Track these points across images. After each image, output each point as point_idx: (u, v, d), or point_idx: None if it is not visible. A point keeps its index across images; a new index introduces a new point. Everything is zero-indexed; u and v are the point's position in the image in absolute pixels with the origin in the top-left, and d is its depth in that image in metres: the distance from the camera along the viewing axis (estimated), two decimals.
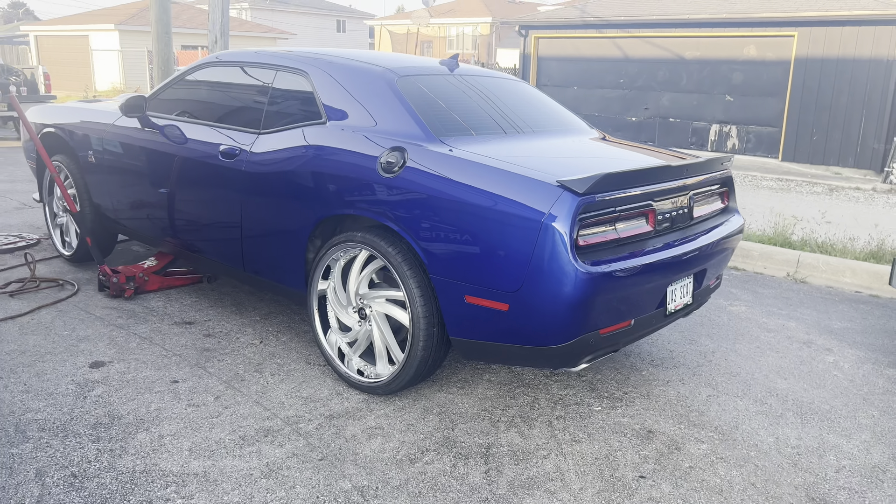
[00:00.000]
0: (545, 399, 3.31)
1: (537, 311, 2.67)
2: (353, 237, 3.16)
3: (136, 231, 4.49)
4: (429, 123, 3.15)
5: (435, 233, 2.86)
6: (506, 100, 3.75)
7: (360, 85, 3.36)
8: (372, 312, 3.21)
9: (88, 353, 3.54)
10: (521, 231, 2.64)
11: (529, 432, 3.01)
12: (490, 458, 2.80)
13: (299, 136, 3.39)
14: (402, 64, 3.56)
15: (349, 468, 2.68)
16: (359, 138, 3.18)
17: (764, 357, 3.96)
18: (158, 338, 3.78)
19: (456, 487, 2.59)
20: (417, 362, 3.04)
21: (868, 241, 6.60)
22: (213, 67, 4.01)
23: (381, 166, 3.04)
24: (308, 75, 3.51)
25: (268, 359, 3.60)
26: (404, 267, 2.99)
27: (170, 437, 2.82)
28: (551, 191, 2.63)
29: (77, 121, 4.65)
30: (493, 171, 2.77)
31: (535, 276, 2.63)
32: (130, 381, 3.27)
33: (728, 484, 2.70)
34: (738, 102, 12.62)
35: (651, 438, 3.01)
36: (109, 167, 4.40)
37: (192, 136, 3.88)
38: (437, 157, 2.93)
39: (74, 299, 4.30)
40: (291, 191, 3.36)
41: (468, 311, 2.86)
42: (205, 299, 4.42)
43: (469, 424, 3.05)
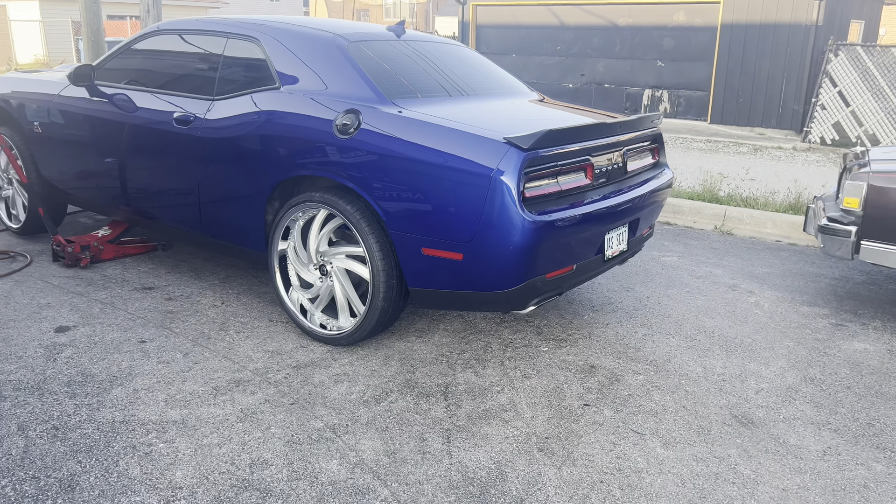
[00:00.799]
0: (497, 343, 3.57)
1: (489, 259, 2.90)
2: (311, 198, 3.33)
3: (87, 201, 4.52)
4: (380, 86, 3.32)
5: (391, 191, 3.05)
6: (450, 64, 3.93)
7: (312, 51, 3.49)
8: (333, 269, 3.39)
9: (52, 320, 3.61)
10: (471, 185, 2.86)
11: (484, 372, 3.26)
12: (449, 395, 3.04)
13: (254, 101, 3.51)
14: (351, 30, 3.70)
15: (319, 410, 2.88)
16: (313, 102, 3.32)
17: (693, 300, 4.32)
18: (120, 303, 3.87)
19: (420, 421, 2.83)
20: (378, 313, 3.24)
21: (787, 194, 7.08)
22: (161, 36, 4.06)
23: (336, 128, 3.20)
24: (260, 42, 3.62)
25: (231, 318, 3.75)
26: (363, 224, 3.18)
27: (144, 391, 2.96)
28: (498, 147, 2.85)
29: (20, 91, 4.62)
30: (444, 130, 2.97)
31: (485, 226, 2.86)
32: (98, 343, 3.38)
33: (662, 408, 3.01)
34: (669, 68, 13.07)
35: (593, 373, 3.30)
36: (57, 138, 4.41)
37: (144, 104, 3.94)
38: (390, 118, 3.11)
39: (29, 270, 4.33)
40: (248, 155, 3.49)
41: (425, 263, 3.07)
42: (161, 266, 4.51)
43: (428, 368, 3.28)
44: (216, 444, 2.61)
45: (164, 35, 4.05)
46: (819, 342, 3.75)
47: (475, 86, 3.83)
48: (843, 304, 4.33)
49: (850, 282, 4.77)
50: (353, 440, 2.68)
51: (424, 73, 3.65)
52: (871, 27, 15.35)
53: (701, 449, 2.72)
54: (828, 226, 4.05)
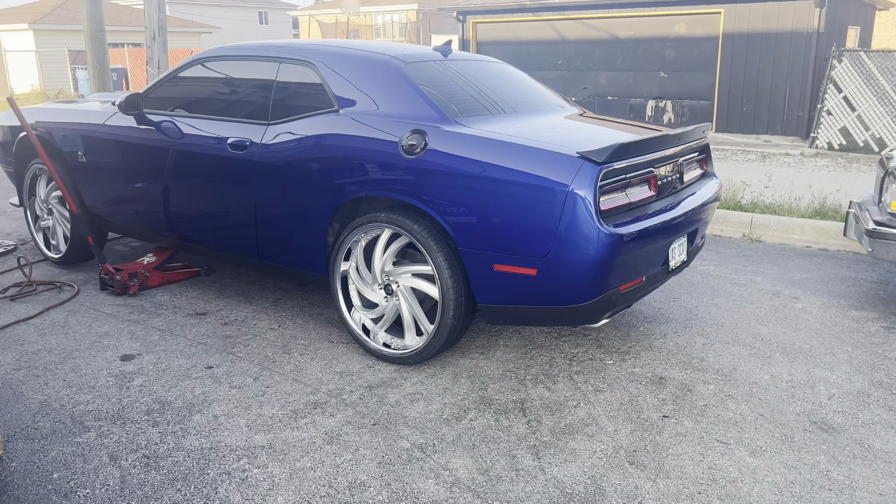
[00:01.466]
0: (561, 357, 3.58)
1: (565, 273, 2.92)
2: (376, 218, 3.34)
3: (131, 228, 4.52)
4: (442, 106, 3.35)
5: (461, 209, 3.08)
6: (497, 81, 3.97)
7: (370, 73, 3.52)
8: (399, 288, 3.40)
9: (115, 348, 3.60)
10: (547, 200, 2.88)
11: (555, 387, 3.27)
12: (527, 411, 3.05)
13: (313, 124, 3.53)
14: (404, 52, 3.74)
15: (402, 429, 2.88)
16: (375, 124, 3.35)
17: (741, 308, 4.34)
18: (178, 329, 3.87)
19: (504, 438, 2.83)
20: (448, 331, 3.25)
21: (811, 200, 7.15)
22: (208, 63, 4.08)
23: (402, 149, 3.22)
24: (315, 66, 3.64)
25: (291, 341, 3.74)
26: (431, 242, 3.19)
27: (224, 417, 2.95)
28: (573, 162, 2.88)
29: (63, 121, 4.63)
30: (515, 147, 3.00)
31: (562, 240, 2.88)
32: (166, 370, 3.37)
33: (740, 417, 3.03)
34: (672, 78, 13.20)
35: (664, 384, 3.31)
36: (103, 167, 4.42)
37: (195, 130, 3.96)
38: (457, 137, 3.13)
39: (79, 299, 4.32)
40: (309, 178, 3.50)
41: (497, 279, 3.09)
42: (209, 291, 4.50)
43: (499, 384, 3.29)
44: (309, 467, 2.61)
45: (212, 62, 4.07)
46: (876, 346, 3.78)
47: (524, 102, 3.87)
48: (889, 308, 4.36)
49: (891, 284, 4.81)
50: (444, 459, 2.68)
51: (477, 92, 3.69)
52: (865, 33, 15.57)
53: (789, 457, 2.73)
54: (877, 230, 4.09)
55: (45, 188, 4.91)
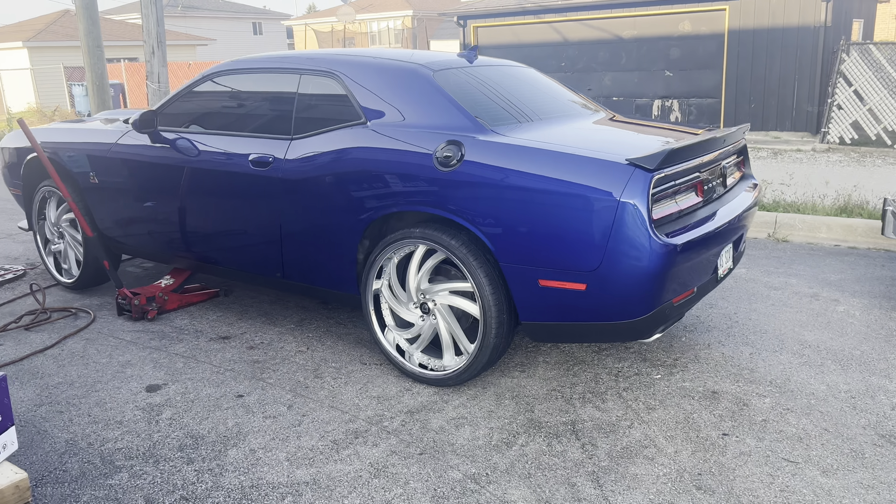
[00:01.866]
0: (606, 373, 3.43)
1: (618, 287, 2.77)
2: (410, 234, 3.19)
3: (146, 250, 4.37)
4: (475, 115, 3.20)
5: (502, 222, 2.92)
6: (525, 87, 3.83)
7: (397, 83, 3.38)
8: (436, 306, 3.24)
9: (139, 378, 3.44)
10: (596, 211, 2.73)
11: (605, 406, 3.11)
12: (579, 433, 2.89)
13: (339, 138, 3.38)
14: (430, 59, 3.59)
15: (452, 459, 2.72)
16: (406, 136, 3.20)
17: (781, 313, 4.19)
18: (202, 355, 3.71)
19: (560, 465, 2.67)
20: (490, 350, 3.10)
21: (835, 197, 7.00)
22: (224, 77, 3.93)
23: (437, 161, 3.07)
24: (339, 77, 3.50)
25: (322, 364, 3.59)
26: (470, 258, 3.04)
27: (262, 451, 2.79)
28: (623, 170, 2.73)
29: (72, 141, 4.48)
30: (559, 156, 2.85)
31: (614, 253, 2.72)
32: (195, 401, 3.21)
33: (804, 432, 2.87)
34: (678, 77, 13.07)
35: (717, 399, 3.16)
36: (116, 187, 4.26)
37: (213, 147, 3.81)
38: (495, 147, 2.98)
39: (96, 326, 4.16)
40: (338, 194, 3.35)
41: (542, 295, 2.93)
42: (229, 313, 4.34)
43: (545, 405, 3.13)
44: None
45: (227, 75, 3.92)
46: None
47: (553, 107, 3.72)
48: None
49: None
50: (500, 490, 2.52)
51: (507, 98, 3.54)
52: (868, 25, 15.46)
53: (864, 475, 2.58)
54: None
55: (56, 211, 4.75)
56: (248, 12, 47.75)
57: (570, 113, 3.72)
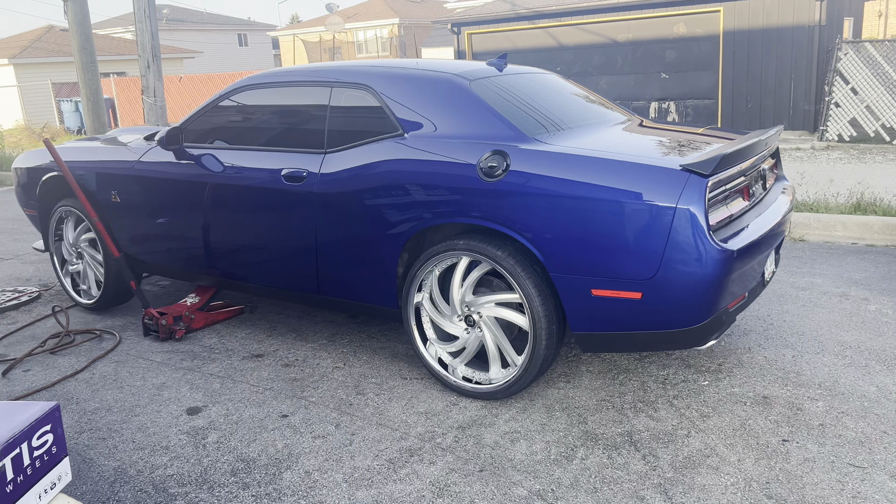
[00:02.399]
0: (652, 381, 3.39)
1: (675, 295, 2.73)
2: (454, 246, 3.14)
3: (170, 268, 4.29)
4: (517, 124, 3.16)
5: (553, 232, 2.88)
6: (553, 94, 3.79)
7: (434, 93, 3.33)
8: (482, 318, 3.19)
9: (177, 401, 3.37)
10: (653, 219, 2.70)
11: (657, 415, 3.07)
12: (638, 444, 2.85)
13: (377, 150, 3.33)
14: (464, 68, 3.55)
15: (514, 475, 2.67)
16: (447, 146, 3.16)
17: (814, 314, 4.17)
18: (238, 375, 3.64)
19: (625, 478, 2.63)
20: (541, 362, 3.05)
21: (844, 194, 7.02)
22: (250, 91, 3.88)
23: (481, 171, 3.03)
24: (372, 89, 3.45)
25: (361, 380, 3.53)
26: (518, 269, 3.00)
27: (318, 473, 2.73)
28: (678, 176, 2.69)
29: (91, 160, 4.40)
30: (611, 164, 2.81)
31: (671, 261, 2.69)
32: (239, 423, 3.14)
33: (864, 436, 2.84)
34: (674, 79, 13.12)
35: (769, 404, 3.13)
36: (139, 205, 4.19)
37: (243, 162, 3.74)
38: (543, 155, 2.94)
39: (123, 348, 4.08)
40: (377, 207, 3.30)
41: (595, 305, 2.89)
42: (258, 330, 4.27)
43: (597, 416, 3.08)
44: None
45: (254, 90, 3.87)
46: None
47: (587, 113, 3.69)
48: None
49: None
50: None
51: (541, 106, 3.50)
52: (857, 23, 15.59)
53: None
54: None
55: (74, 231, 4.67)
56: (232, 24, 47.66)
57: (603, 119, 3.69)
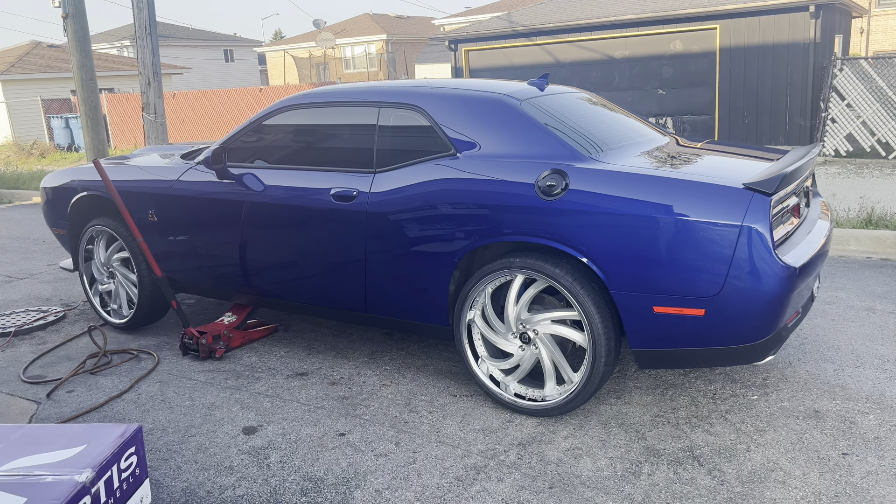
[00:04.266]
0: (702, 396, 3.43)
1: (739, 312, 2.78)
2: (510, 264, 3.18)
3: (206, 286, 4.29)
4: (572, 143, 3.21)
5: (615, 250, 2.93)
6: (594, 113, 3.85)
7: (486, 113, 3.38)
8: (538, 336, 3.23)
9: (231, 421, 3.36)
10: (718, 237, 2.75)
11: (714, 430, 3.11)
12: (701, 459, 2.88)
13: (430, 170, 3.37)
14: (512, 88, 3.60)
15: (584, 491, 2.69)
16: (502, 166, 3.20)
17: (845, 328, 4.25)
18: (286, 394, 3.64)
19: (695, 493, 2.66)
20: (599, 379, 3.09)
21: (858, 210, 7.15)
22: (294, 110, 3.90)
23: (539, 190, 3.08)
24: (423, 109, 3.49)
25: (412, 398, 3.54)
26: (577, 287, 3.04)
27: (388, 491, 2.74)
28: (742, 195, 2.76)
29: (127, 178, 4.40)
30: (672, 183, 2.87)
31: (736, 278, 2.74)
32: (298, 442, 3.14)
33: None
34: (671, 95, 13.30)
35: (822, 417, 3.18)
36: (177, 224, 4.19)
37: (290, 181, 3.77)
38: (603, 175, 3.00)
39: (165, 368, 4.06)
40: (431, 226, 3.33)
41: (656, 321, 2.94)
42: (296, 348, 4.27)
43: (655, 431, 3.12)
44: None
45: (297, 109, 3.89)
46: None
47: (631, 132, 3.76)
48: None
49: None
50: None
51: (589, 125, 3.56)
52: (846, 40, 15.92)
53: None
54: None
55: (106, 251, 4.65)
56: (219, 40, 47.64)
57: (645, 138, 3.75)
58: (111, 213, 4.64)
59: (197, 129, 19.50)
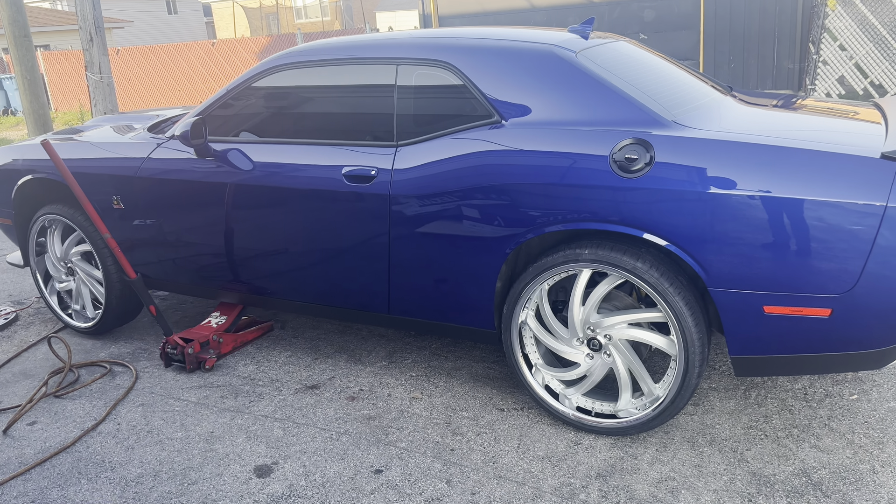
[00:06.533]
0: (791, 398, 2.94)
1: (875, 312, 2.26)
2: (577, 256, 2.59)
3: (183, 284, 3.62)
4: (650, 105, 2.60)
5: (718, 239, 2.36)
6: (651, 66, 3.23)
7: (536, 69, 2.74)
8: (611, 342, 2.67)
9: (237, 458, 2.75)
10: (851, 220, 2.20)
11: (823, 444, 2.62)
12: (822, 487, 2.39)
13: (468, 142, 2.73)
14: (560, 38, 2.95)
15: None
16: (565, 136, 2.58)
17: None
18: (299, 416, 3.03)
19: None
20: (691, 391, 2.55)
21: None
22: (288, 70, 3.20)
23: (615, 165, 2.47)
24: (453, 66, 2.83)
25: (451, 414, 2.97)
26: (665, 283, 2.47)
27: None
28: (883, 167, 2.20)
29: (84, 159, 3.65)
30: (792, 154, 2.29)
31: (876, 272, 2.21)
32: (326, 485, 2.55)
33: None
34: (654, 39, 12.67)
35: None
36: (149, 212, 3.49)
37: (287, 159, 3.09)
38: (699, 144, 2.40)
39: (145, 385, 3.40)
40: (471, 212, 2.71)
41: (765, 324, 2.40)
42: (299, 352, 3.65)
43: (754, 450, 2.61)
44: None
45: (294, 69, 3.19)
46: None
47: (696, 89, 3.15)
48: None
49: None
50: None
51: (653, 82, 2.95)
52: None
53: None
54: None
55: (62, 244, 3.92)
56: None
57: (712, 96, 3.15)
58: (65, 198, 3.90)
59: (146, 89, 18.24)
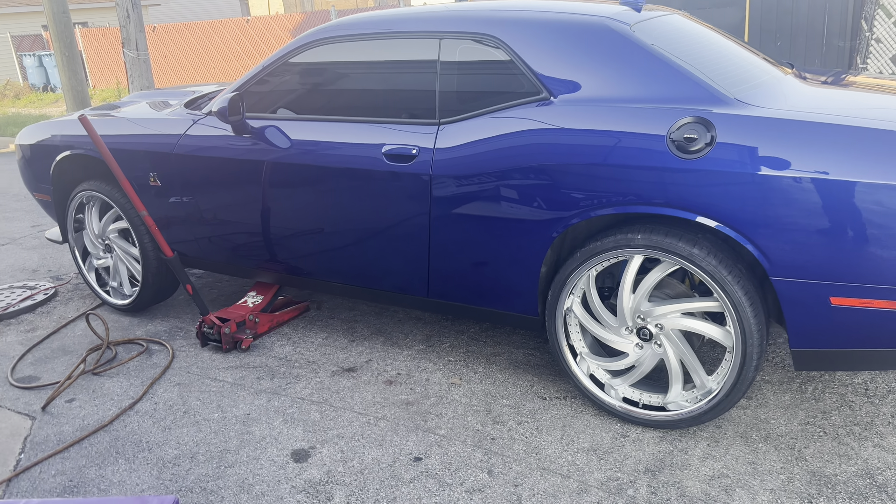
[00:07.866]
0: (851, 393, 2.79)
1: None
2: (630, 241, 2.47)
3: (222, 263, 3.57)
4: (711, 82, 2.46)
5: (784, 225, 2.22)
6: (708, 41, 3.07)
7: (588, 43, 2.60)
8: (663, 331, 2.55)
9: (274, 441, 2.70)
10: None
11: (886, 442, 2.48)
12: (888, 489, 2.25)
13: (514, 120, 2.61)
14: (612, 10, 2.81)
15: None
16: (619, 113, 2.45)
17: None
18: (336, 399, 2.97)
19: None
20: (746, 386, 2.43)
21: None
22: (327, 45, 3.10)
23: (672, 145, 2.34)
24: (499, 40, 2.71)
25: (490, 401, 2.88)
26: (723, 271, 2.34)
27: None
28: None
29: (121, 135, 3.61)
30: (865, 134, 2.14)
31: None
32: (364, 471, 2.49)
33: None
34: (698, 16, 12.29)
35: None
36: (185, 190, 3.44)
37: (326, 137, 3.00)
38: (763, 123, 2.25)
39: (181, 364, 3.38)
40: (518, 193, 2.60)
41: (831, 316, 2.26)
42: (336, 333, 3.59)
43: (812, 447, 2.48)
44: None
45: (332, 44, 3.09)
46: None
47: (754, 65, 2.99)
48: None
49: None
50: None
51: (712, 57, 2.79)
52: None
53: None
54: None
55: (100, 220, 3.90)
56: None
57: (772, 73, 2.99)
58: (103, 175, 3.87)
59: (182, 66, 18.32)
